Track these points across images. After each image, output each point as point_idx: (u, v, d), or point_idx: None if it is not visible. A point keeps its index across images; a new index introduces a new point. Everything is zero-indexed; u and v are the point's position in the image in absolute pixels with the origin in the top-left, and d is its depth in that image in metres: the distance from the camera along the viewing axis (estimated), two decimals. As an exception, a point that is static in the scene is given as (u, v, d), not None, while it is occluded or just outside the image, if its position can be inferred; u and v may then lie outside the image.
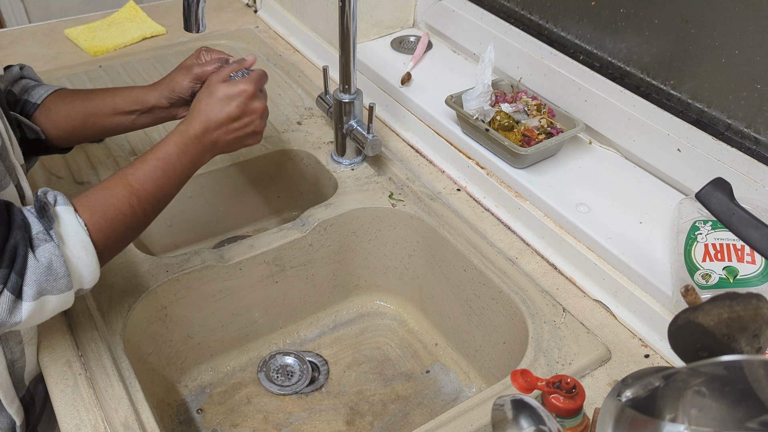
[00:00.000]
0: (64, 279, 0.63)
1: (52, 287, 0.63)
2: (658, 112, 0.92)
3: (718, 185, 0.61)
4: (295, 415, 0.96)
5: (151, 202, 0.72)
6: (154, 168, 0.73)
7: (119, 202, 0.69)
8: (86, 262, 0.66)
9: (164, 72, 1.31)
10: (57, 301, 0.64)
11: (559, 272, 0.90)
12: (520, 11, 1.12)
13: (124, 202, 0.69)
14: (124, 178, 0.71)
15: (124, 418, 0.71)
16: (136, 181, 0.71)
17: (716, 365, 0.45)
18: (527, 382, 0.60)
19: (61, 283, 0.63)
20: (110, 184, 0.70)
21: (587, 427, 0.64)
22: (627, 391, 0.49)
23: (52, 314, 0.65)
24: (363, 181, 1.05)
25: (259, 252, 0.94)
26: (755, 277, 0.73)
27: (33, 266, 0.61)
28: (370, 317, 1.10)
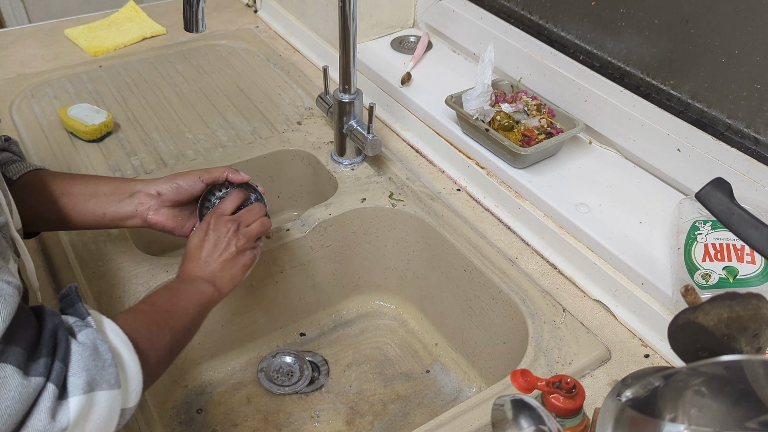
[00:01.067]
0: (112, 368, 0.53)
1: (101, 377, 0.52)
2: (658, 112, 0.92)
3: (718, 185, 0.61)
4: (295, 415, 0.96)
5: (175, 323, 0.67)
6: (163, 294, 0.70)
7: (147, 316, 0.64)
8: (129, 361, 0.56)
9: (164, 72, 1.31)
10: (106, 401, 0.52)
11: (559, 272, 0.90)
12: (520, 11, 1.12)
13: (150, 318, 0.64)
14: (138, 306, 0.67)
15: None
16: (152, 305, 0.68)
17: (716, 365, 0.45)
18: (527, 382, 0.60)
19: (110, 373, 0.53)
20: (128, 311, 0.66)
21: (587, 427, 0.64)
22: (627, 391, 0.49)
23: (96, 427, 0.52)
24: (363, 181, 1.05)
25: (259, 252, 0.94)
26: (755, 277, 0.73)
27: (78, 350, 0.51)
28: (370, 317, 1.10)
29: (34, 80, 1.26)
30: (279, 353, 1.03)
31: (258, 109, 1.22)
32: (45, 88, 1.24)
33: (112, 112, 1.17)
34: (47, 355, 0.50)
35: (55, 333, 0.51)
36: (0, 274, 0.50)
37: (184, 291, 0.72)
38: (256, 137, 1.15)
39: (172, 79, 1.29)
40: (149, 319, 0.64)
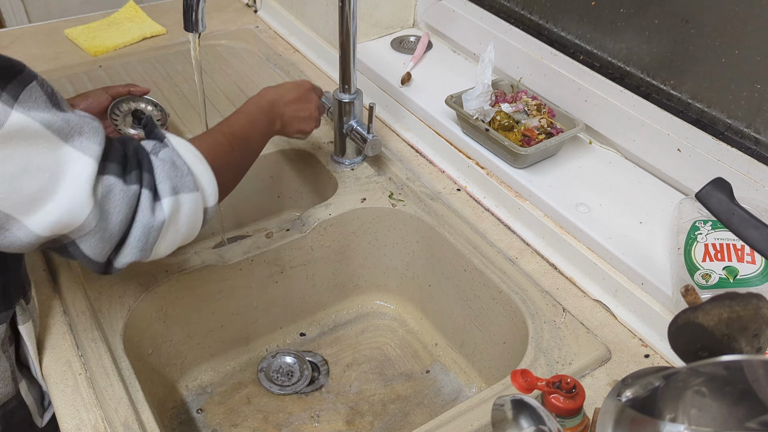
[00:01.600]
0: (190, 176, 0.65)
1: (181, 184, 0.64)
2: (658, 112, 0.92)
3: (718, 185, 0.61)
4: (295, 415, 0.96)
5: (243, 142, 0.79)
6: (240, 118, 0.83)
7: (219, 138, 0.76)
8: (202, 170, 0.67)
9: (164, 72, 1.31)
10: (190, 202, 0.65)
11: (559, 272, 0.90)
12: (520, 11, 1.12)
13: (222, 140, 0.76)
14: (216, 127, 0.78)
15: (124, 418, 0.71)
16: (226, 126, 0.80)
17: (716, 365, 0.45)
18: (527, 382, 0.60)
19: (188, 180, 0.65)
20: (205, 133, 0.77)
21: (587, 427, 0.64)
22: (627, 391, 0.49)
23: (188, 224, 0.66)
24: (363, 181, 1.05)
25: (259, 252, 0.94)
26: (755, 277, 0.73)
27: (159, 165, 0.63)
28: (370, 317, 1.10)
29: (34, 80, 1.26)
30: (279, 353, 1.03)
31: (258, 109, 1.21)
32: (45, 88, 1.24)
33: (112, 112, 1.17)
34: (136, 167, 0.61)
35: (137, 152, 0.63)
36: (84, 117, 0.59)
37: (260, 123, 0.85)
38: (256, 137, 1.14)
39: (172, 79, 1.29)
40: (224, 140, 0.76)
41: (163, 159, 0.64)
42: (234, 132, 0.79)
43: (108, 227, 0.60)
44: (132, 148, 0.63)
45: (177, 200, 0.64)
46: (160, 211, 0.62)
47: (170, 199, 0.63)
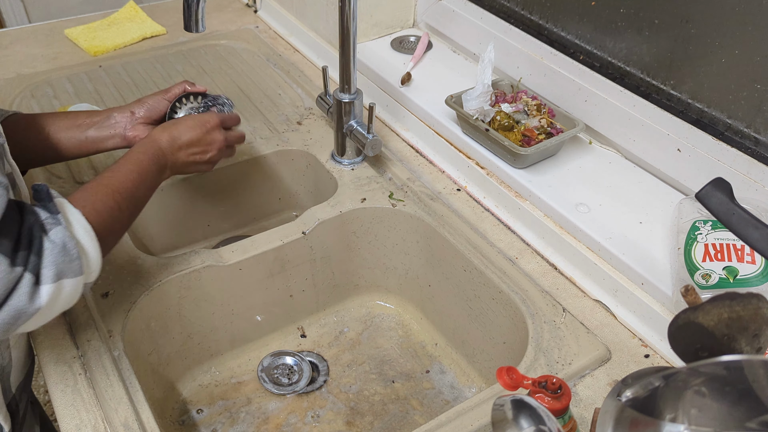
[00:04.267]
0: (77, 261, 0.64)
1: (67, 269, 0.63)
2: (658, 112, 0.92)
3: (718, 185, 0.61)
4: (295, 415, 0.96)
5: (131, 200, 0.77)
6: (129, 171, 0.79)
7: (105, 197, 0.73)
8: (91, 247, 0.67)
9: (164, 72, 1.31)
10: (71, 286, 0.64)
11: (559, 272, 0.90)
12: (520, 11, 1.12)
13: (109, 197, 0.73)
14: (103, 179, 0.76)
15: (124, 418, 0.71)
16: (117, 182, 0.76)
17: (716, 365, 0.45)
18: (513, 380, 0.60)
19: (75, 266, 0.64)
20: (93, 185, 0.74)
21: (573, 429, 0.64)
22: (627, 391, 0.49)
23: (64, 305, 0.65)
24: (363, 181, 1.05)
25: (259, 252, 0.94)
26: (755, 277, 0.73)
27: (49, 247, 0.62)
28: (370, 317, 1.10)
29: (34, 80, 1.26)
30: (279, 353, 1.03)
31: (258, 109, 1.21)
32: (45, 88, 1.24)
33: (112, 112, 1.17)
34: (26, 248, 0.60)
35: (31, 230, 0.61)
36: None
37: (148, 174, 0.81)
38: (256, 137, 1.15)
39: (172, 79, 1.29)
40: (113, 202, 0.74)
41: (54, 241, 0.62)
42: (123, 189, 0.76)
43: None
44: (28, 224, 0.61)
45: (59, 286, 0.62)
46: (37, 299, 0.61)
47: (52, 286, 0.62)
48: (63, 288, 0.63)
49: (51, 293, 0.62)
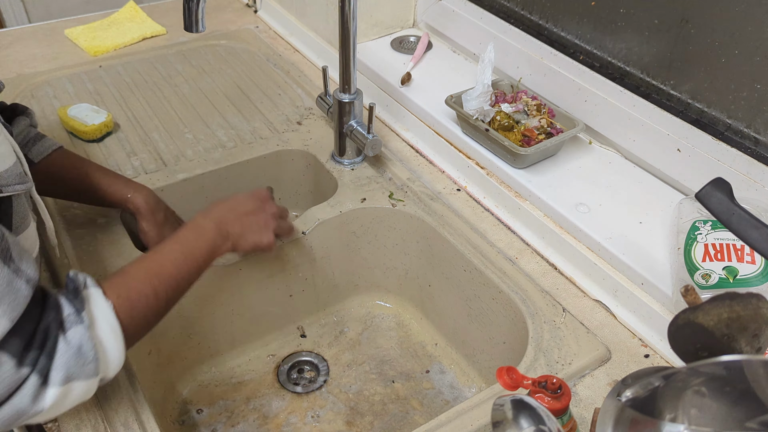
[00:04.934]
0: (93, 363, 0.61)
1: (80, 372, 0.60)
2: (658, 112, 0.92)
3: (718, 185, 0.61)
4: (295, 415, 0.96)
5: (171, 284, 0.72)
6: (172, 250, 0.74)
7: (142, 284, 0.68)
8: (114, 347, 0.63)
9: (164, 72, 1.31)
10: (81, 388, 0.60)
11: (559, 272, 0.90)
12: (520, 11, 1.12)
13: (146, 284, 0.69)
14: (145, 261, 0.72)
15: (124, 418, 0.71)
16: (157, 264, 0.72)
17: (716, 365, 0.45)
18: (513, 380, 0.60)
19: (89, 368, 0.60)
20: (132, 267, 0.70)
21: (573, 429, 0.64)
22: (627, 391, 0.49)
23: (74, 403, 0.61)
24: (363, 181, 1.05)
25: (259, 252, 0.94)
26: (755, 277, 0.73)
27: (63, 349, 0.58)
28: (370, 317, 1.10)
29: (34, 80, 1.26)
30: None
31: (258, 109, 1.22)
32: (45, 88, 1.24)
33: (112, 112, 1.17)
34: (38, 348, 0.57)
35: (48, 329, 0.58)
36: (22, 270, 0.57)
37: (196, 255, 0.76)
38: (256, 137, 1.15)
39: (172, 79, 1.29)
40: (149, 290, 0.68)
41: (70, 342, 0.59)
42: (163, 273, 0.71)
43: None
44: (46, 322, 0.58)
45: (67, 389, 0.59)
46: (41, 401, 0.58)
47: (59, 389, 0.58)
48: (72, 390, 0.60)
49: (57, 395, 0.58)
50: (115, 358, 0.64)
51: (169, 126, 1.16)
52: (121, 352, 0.64)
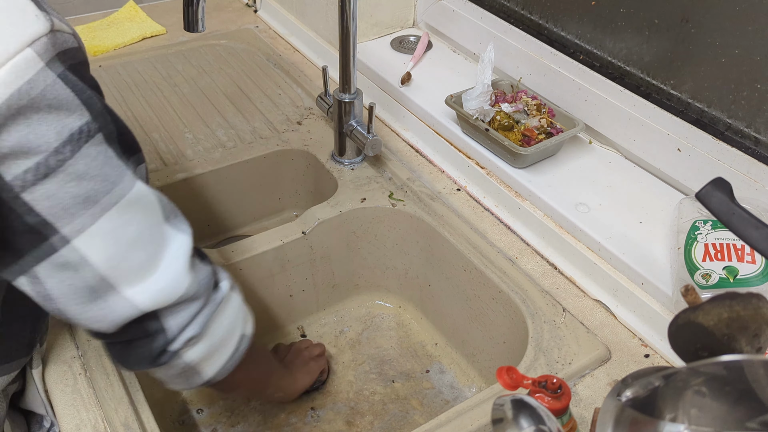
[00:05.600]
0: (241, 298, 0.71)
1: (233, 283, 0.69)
2: (658, 112, 0.92)
3: (718, 185, 0.60)
4: (295, 415, 0.96)
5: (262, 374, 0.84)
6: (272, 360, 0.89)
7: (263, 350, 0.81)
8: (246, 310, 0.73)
9: (164, 72, 1.31)
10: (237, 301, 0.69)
11: (559, 272, 0.90)
12: (520, 11, 1.12)
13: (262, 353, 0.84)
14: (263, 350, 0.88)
15: (124, 418, 0.71)
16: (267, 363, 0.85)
17: (716, 365, 0.45)
18: (513, 380, 0.59)
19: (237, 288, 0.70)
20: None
21: (573, 429, 0.64)
22: (627, 390, 0.49)
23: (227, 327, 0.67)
24: (363, 181, 1.05)
25: (259, 252, 0.94)
26: (755, 277, 0.73)
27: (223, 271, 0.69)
28: (370, 317, 1.10)
29: (34, 80, 1.26)
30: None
31: (258, 109, 1.22)
32: (45, 88, 1.24)
33: (112, 112, 1.17)
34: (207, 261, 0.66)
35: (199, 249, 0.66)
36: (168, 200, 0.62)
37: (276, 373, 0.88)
38: (256, 137, 1.15)
39: (172, 79, 1.29)
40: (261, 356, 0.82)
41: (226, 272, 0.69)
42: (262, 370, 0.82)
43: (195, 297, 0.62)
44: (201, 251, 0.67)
45: (230, 290, 0.67)
46: (220, 290, 0.66)
47: (226, 283, 0.67)
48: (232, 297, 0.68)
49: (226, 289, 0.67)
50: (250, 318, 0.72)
51: (169, 126, 1.16)
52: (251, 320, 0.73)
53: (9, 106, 0.46)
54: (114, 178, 0.53)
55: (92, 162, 0.52)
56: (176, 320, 0.60)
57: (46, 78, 0.47)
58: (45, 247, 0.52)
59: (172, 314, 0.60)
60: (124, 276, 0.55)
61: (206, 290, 0.63)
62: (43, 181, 0.50)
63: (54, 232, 0.51)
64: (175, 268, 0.58)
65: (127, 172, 0.55)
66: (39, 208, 0.50)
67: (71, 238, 0.52)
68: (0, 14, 0.45)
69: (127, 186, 0.54)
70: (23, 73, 0.46)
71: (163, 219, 0.59)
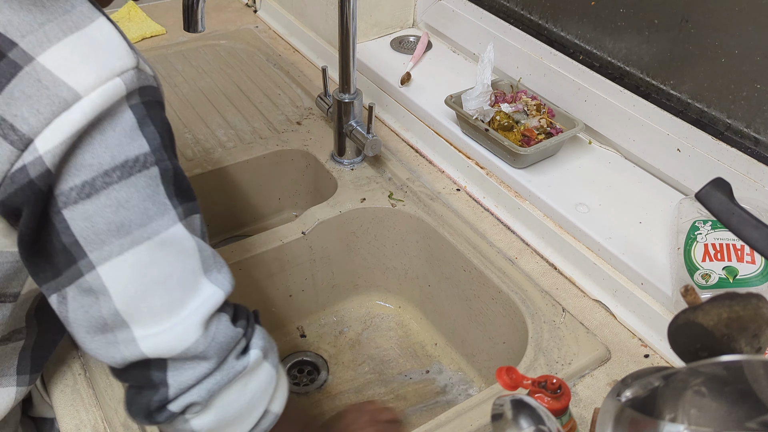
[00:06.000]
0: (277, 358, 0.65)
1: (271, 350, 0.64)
2: (658, 112, 0.92)
3: (718, 185, 0.60)
4: (295, 415, 0.96)
5: None
6: None
7: None
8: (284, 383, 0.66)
9: (164, 72, 1.31)
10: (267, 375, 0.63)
11: (558, 272, 0.90)
12: (520, 11, 1.12)
13: None
14: None
15: (124, 418, 0.71)
16: None
17: (716, 365, 0.45)
18: (512, 380, 0.59)
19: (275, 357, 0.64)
20: None
21: (573, 429, 0.64)
22: (627, 391, 0.49)
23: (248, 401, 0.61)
24: (363, 181, 1.05)
25: (259, 252, 0.94)
26: (755, 277, 0.73)
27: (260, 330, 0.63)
28: (370, 317, 1.10)
29: (33, 80, 1.26)
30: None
31: (258, 109, 1.22)
32: (45, 88, 1.24)
33: (111, 112, 1.17)
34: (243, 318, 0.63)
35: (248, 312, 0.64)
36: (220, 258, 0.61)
37: None
38: (256, 137, 1.15)
39: (172, 79, 1.29)
40: None
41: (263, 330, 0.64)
42: None
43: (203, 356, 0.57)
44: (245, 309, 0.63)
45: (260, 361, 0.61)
46: (244, 359, 0.60)
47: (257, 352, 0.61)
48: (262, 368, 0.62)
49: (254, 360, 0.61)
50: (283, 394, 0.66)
51: (169, 126, 1.16)
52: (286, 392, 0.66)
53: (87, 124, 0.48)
54: (153, 213, 0.53)
55: (136, 193, 0.52)
56: (179, 377, 0.57)
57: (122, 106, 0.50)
58: (74, 270, 0.52)
59: (177, 369, 0.57)
60: (139, 315, 0.54)
61: (220, 353, 0.58)
62: (84, 201, 0.50)
63: (83, 255, 0.51)
64: (191, 321, 0.56)
65: (171, 212, 0.54)
66: (74, 228, 0.51)
67: (96, 265, 0.52)
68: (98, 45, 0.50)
69: (165, 225, 0.54)
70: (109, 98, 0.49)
71: (201, 270, 0.57)
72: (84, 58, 0.49)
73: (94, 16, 0.51)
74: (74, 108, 0.47)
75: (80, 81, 0.48)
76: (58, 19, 0.49)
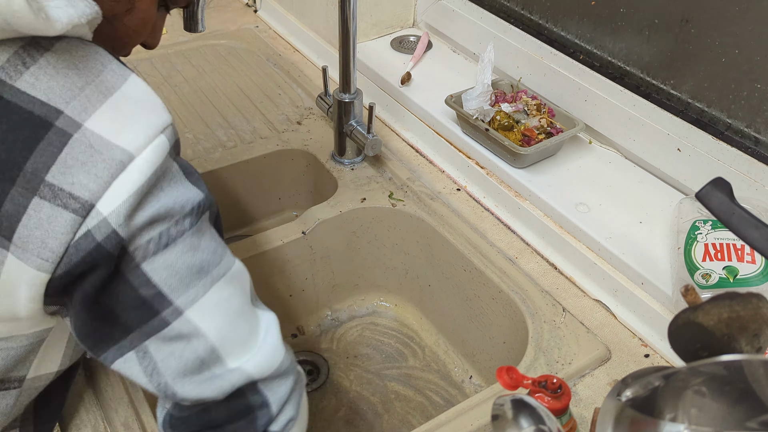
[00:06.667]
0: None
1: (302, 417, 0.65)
2: (658, 112, 0.92)
3: (718, 185, 0.60)
4: (295, 415, 0.95)
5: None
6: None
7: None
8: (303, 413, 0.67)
9: (164, 72, 1.31)
10: None
11: (558, 272, 0.90)
12: (520, 11, 1.12)
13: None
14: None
15: (124, 418, 0.71)
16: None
17: (716, 365, 0.45)
18: (513, 380, 0.60)
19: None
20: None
21: (573, 429, 0.64)
22: (627, 390, 0.49)
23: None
24: (363, 181, 1.05)
25: (259, 252, 0.94)
26: (755, 276, 0.73)
27: None
28: (370, 317, 1.10)
29: (34, 80, 1.26)
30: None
31: (258, 109, 1.22)
32: (45, 88, 1.24)
33: (112, 112, 1.17)
34: None
35: None
36: None
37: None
38: (256, 137, 1.15)
39: (172, 79, 1.29)
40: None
41: None
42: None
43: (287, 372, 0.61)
44: None
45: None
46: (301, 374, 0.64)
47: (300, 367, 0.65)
48: None
49: None
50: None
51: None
52: None
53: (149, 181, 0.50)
54: (220, 251, 0.56)
55: (203, 235, 0.55)
56: (276, 394, 0.59)
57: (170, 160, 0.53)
58: (155, 322, 0.53)
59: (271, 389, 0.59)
60: (231, 347, 0.56)
61: (294, 368, 0.62)
62: (164, 251, 0.52)
63: (168, 304, 0.53)
64: (272, 340, 0.59)
65: (227, 248, 0.58)
66: (156, 279, 0.52)
67: (184, 309, 0.53)
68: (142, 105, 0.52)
69: (231, 260, 0.57)
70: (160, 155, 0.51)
71: (251, 297, 0.61)
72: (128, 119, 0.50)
73: (126, 74, 0.52)
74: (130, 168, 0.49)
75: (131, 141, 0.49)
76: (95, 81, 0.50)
